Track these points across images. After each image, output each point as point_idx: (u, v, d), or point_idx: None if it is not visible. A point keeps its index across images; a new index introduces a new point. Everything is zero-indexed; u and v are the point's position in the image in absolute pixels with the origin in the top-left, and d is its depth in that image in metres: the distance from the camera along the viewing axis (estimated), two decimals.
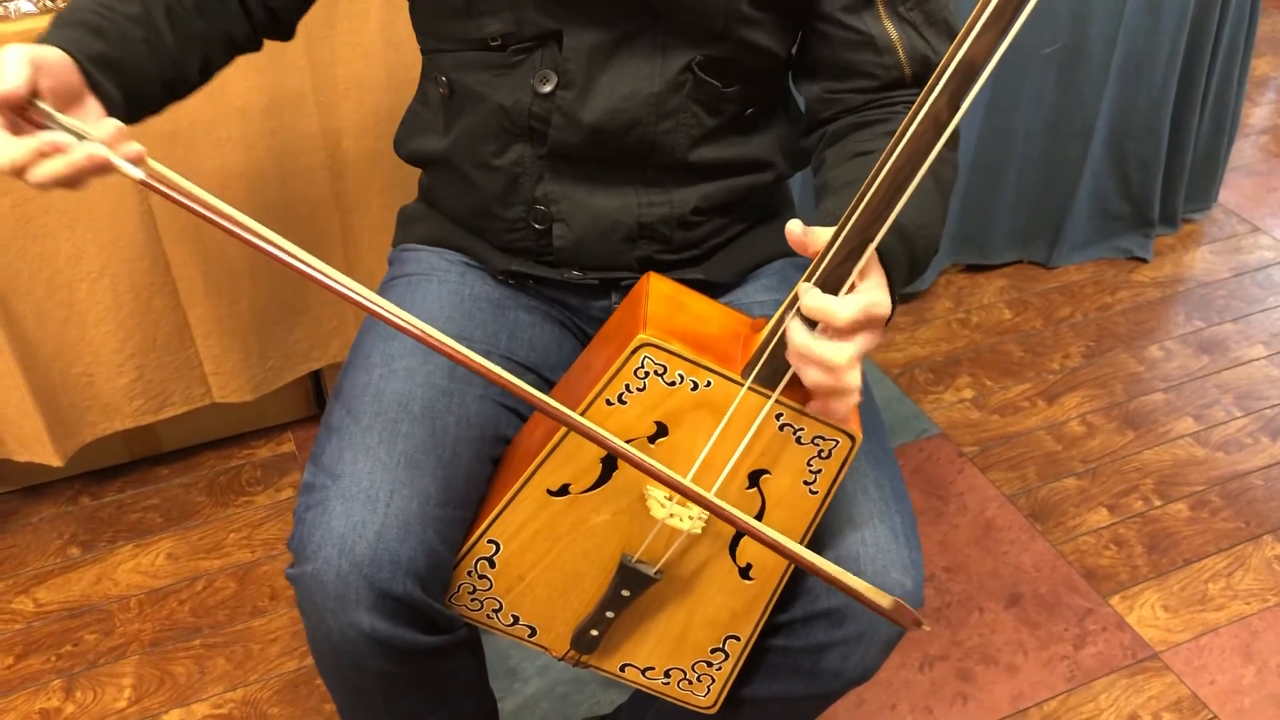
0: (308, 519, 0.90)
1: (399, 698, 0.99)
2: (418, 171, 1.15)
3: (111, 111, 0.83)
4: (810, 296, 0.77)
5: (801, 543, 0.90)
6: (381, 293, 1.10)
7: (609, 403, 0.85)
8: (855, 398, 0.80)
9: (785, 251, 1.14)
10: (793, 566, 0.92)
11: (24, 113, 0.76)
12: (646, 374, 0.84)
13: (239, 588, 1.65)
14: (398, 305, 1.04)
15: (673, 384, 0.84)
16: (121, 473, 1.83)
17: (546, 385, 1.08)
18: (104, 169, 0.75)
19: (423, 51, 1.08)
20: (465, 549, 0.94)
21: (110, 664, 1.55)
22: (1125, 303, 2.27)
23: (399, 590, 0.88)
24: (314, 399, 1.92)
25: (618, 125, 0.97)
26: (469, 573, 0.94)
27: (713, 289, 1.11)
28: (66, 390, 1.63)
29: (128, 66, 0.87)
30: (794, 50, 1.05)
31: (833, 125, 1.01)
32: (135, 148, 0.77)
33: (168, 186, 0.76)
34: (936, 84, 0.69)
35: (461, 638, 0.98)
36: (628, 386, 0.84)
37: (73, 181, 0.76)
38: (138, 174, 0.76)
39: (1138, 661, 1.57)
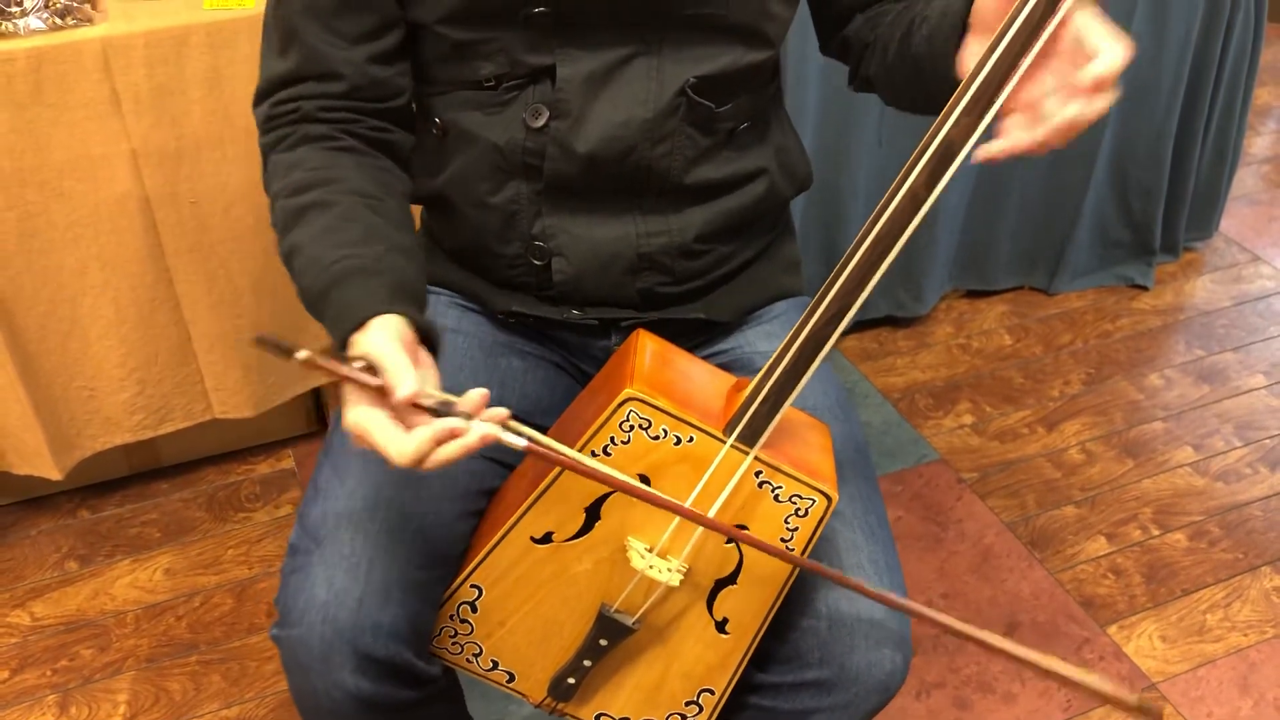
0: (292, 583, 0.91)
1: None
2: None
3: (432, 340, 0.82)
4: (1097, 66, 0.72)
5: (775, 604, 0.91)
6: None
7: (594, 454, 0.86)
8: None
9: (787, 292, 1.15)
10: (767, 624, 0.93)
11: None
12: (631, 427, 0.85)
13: (236, 604, 1.65)
14: None
15: (656, 438, 0.86)
16: (121, 487, 1.83)
17: (538, 431, 1.08)
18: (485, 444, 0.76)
19: (413, 97, 1.06)
20: (448, 593, 0.95)
21: (106, 680, 1.55)
22: (1126, 330, 2.27)
23: (382, 654, 0.89)
24: (315, 415, 1.92)
25: (614, 153, 0.97)
26: (451, 617, 0.95)
27: (713, 330, 1.11)
28: (67, 404, 1.63)
29: (420, 290, 0.86)
30: (810, 20, 1.07)
31: (883, 26, 1.00)
32: (502, 412, 0.77)
33: (544, 449, 0.79)
34: (916, 163, 0.72)
35: (442, 687, 0.99)
36: (613, 439, 0.86)
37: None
38: (521, 443, 0.77)
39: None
